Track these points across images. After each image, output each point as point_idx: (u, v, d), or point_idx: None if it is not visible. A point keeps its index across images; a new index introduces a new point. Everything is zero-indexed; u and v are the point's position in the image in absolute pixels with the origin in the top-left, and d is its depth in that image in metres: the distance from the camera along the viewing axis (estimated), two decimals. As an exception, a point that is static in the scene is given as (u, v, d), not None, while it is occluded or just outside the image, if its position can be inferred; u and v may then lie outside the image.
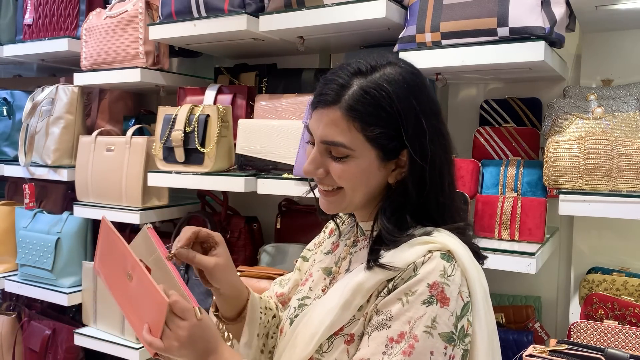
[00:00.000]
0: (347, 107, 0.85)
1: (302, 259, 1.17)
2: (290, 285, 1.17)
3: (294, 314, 1.01)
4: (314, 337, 0.88)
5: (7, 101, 2.51)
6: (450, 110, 1.89)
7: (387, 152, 0.88)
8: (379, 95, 0.85)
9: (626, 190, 1.33)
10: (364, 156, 0.87)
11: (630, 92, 1.50)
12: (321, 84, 0.90)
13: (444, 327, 0.79)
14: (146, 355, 2.07)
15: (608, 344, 1.33)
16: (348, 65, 0.89)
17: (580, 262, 1.66)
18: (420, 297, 0.80)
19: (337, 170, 0.88)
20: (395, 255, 0.85)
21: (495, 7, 1.37)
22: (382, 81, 0.86)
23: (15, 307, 2.59)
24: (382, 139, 0.86)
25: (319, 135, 0.89)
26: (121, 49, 2.09)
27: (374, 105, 0.85)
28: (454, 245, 0.85)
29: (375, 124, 0.85)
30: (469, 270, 0.85)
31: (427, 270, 0.82)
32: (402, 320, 0.80)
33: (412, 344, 0.78)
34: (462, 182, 1.57)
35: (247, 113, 1.95)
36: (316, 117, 0.89)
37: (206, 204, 2.24)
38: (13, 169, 2.46)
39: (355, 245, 0.99)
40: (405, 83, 0.87)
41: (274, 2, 1.70)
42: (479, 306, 0.85)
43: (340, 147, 0.86)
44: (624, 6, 1.40)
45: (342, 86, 0.86)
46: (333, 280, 0.99)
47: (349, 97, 0.85)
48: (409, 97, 0.86)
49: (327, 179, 0.91)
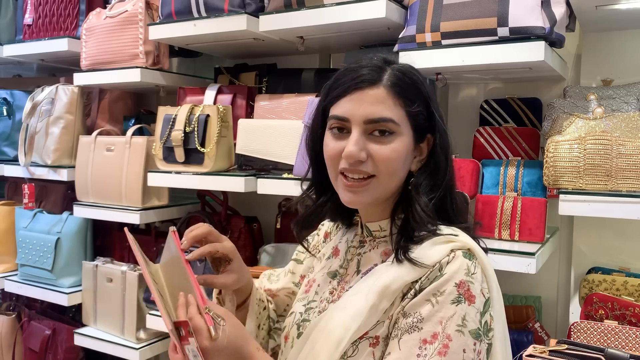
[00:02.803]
0: (391, 84, 0.89)
1: (295, 262, 1.16)
2: (279, 285, 1.15)
3: (300, 319, 1.00)
4: (340, 343, 0.86)
5: (7, 101, 2.51)
6: (450, 110, 1.89)
7: (420, 133, 0.92)
8: (415, 78, 0.91)
9: (626, 190, 1.33)
10: (406, 134, 0.90)
11: (631, 92, 1.49)
12: (348, 73, 0.91)
13: (472, 324, 0.81)
14: (146, 355, 2.07)
15: (608, 344, 1.32)
16: (371, 57, 0.93)
17: (580, 262, 1.66)
18: (449, 296, 0.81)
19: (382, 151, 0.88)
20: (422, 252, 0.86)
21: (495, 7, 1.37)
22: (409, 68, 0.93)
23: (15, 307, 2.59)
24: (420, 117, 0.91)
25: (361, 115, 0.88)
26: (121, 49, 2.09)
27: (412, 85, 0.90)
28: (472, 244, 0.87)
29: (416, 101, 0.90)
30: (487, 266, 0.88)
31: (453, 270, 0.83)
32: (433, 321, 0.81)
33: (447, 343, 0.79)
34: (462, 182, 1.57)
35: (247, 113, 1.95)
36: (355, 99, 0.89)
37: (206, 204, 2.24)
38: (13, 169, 2.46)
39: (363, 246, 0.99)
40: (420, 76, 0.94)
41: (274, 2, 1.70)
42: (495, 301, 0.87)
43: (390, 123, 0.88)
44: (624, 6, 1.40)
45: (379, 68, 0.90)
46: (342, 282, 0.98)
47: (390, 75, 0.89)
48: (429, 87, 0.93)
49: (364, 164, 0.89)
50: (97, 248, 2.41)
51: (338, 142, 0.90)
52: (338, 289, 0.97)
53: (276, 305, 1.16)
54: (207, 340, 0.80)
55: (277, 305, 1.16)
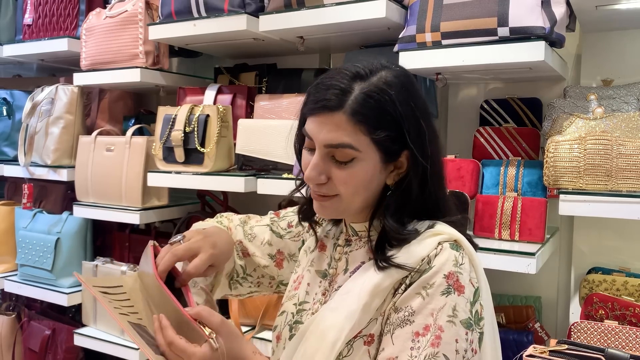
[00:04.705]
0: (352, 111, 0.84)
1: (273, 233, 1.16)
2: (253, 250, 1.15)
3: (292, 320, 1.00)
4: (335, 344, 0.86)
5: (7, 101, 2.51)
6: (450, 110, 1.89)
7: (390, 154, 0.88)
8: (382, 100, 0.85)
9: (626, 190, 1.33)
10: (369, 159, 0.87)
11: (631, 92, 1.49)
12: (319, 89, 0.88)
13: (463, 314, 0.82)
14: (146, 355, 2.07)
15: (608, 344, 1.32)
16: (345, 69, 0.88)
17: (580, 262, 1.66)
18: (439, 288, 0.82)
19: (341, 176, 0.87)
20: (408, 252, 0.86)
21: (496, 7, 1.37)
22: (382, 84, 0.86)
23: (15, 307, 2.59)
24: (387, 141, 0.86)
25: (322, 139, 0.87)
26: (121, 49, 2.09)
27: (378, 109, 0.85)
28: (459, 235, 0.88)
29: (380, 127, 0.85)
30: (474, 257, 0.88)
31: (441, 262, 0.84)
32: (424, 314, 0.81)
33: (439, 334, 0.80)
34: (462, 182, 1.57)
35: (247, 113, 1.95)
36: (317, 122, 0.87)
37: (206, 204, 2.24)
38: (13, 169, 2.46)
39: (349, 245, 0.99)
40: (403, 87, 0.87)
41: (274, 2, 1.70)
42: (483, 291, 0.88)
43: (348, 149, 0.85)
44: (624, 6, 1.39)
45: (343, 91, 0.85)
46: (333, 283, 0.98)
47: (353, 101, 0.85)
48: (409, 101, 0.87)
49: (327, 185, 0.89)
50: (97, 248, 2.41)
51: (308, 157, 0.91)
52: (330, 290, 0.98)
53: (245, 263, 1.17)
54: (199, 355, 0.83)
55: (246, 265, 1.17)
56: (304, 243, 1.13)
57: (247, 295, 1.21)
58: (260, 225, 1.19)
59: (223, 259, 1.07)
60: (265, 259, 1.15)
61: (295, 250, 1.15)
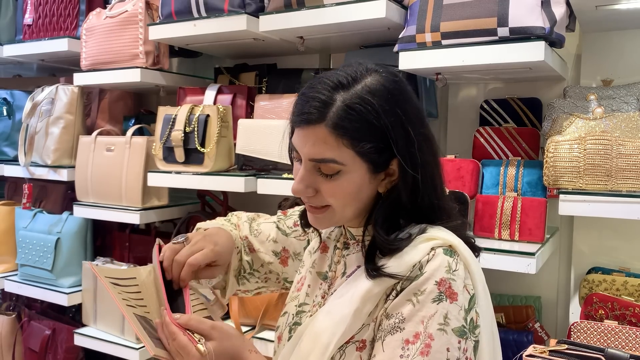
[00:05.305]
0: (333, 125, 0.82)
1: (279, 231, 1.16)
2: (258, 245, 1.15)
3: (292, 321, 1.00)
4: (327, 348, 0.86)
5: (7, 101, 2.51)
6: (450, 110, 1.89)
7: (378, 164, 0.86)
8: (365, 110, 0.82)
9: (626, 190, 1.33)
10: (355, 170, 0.85)
11: (630, 92, 1.50)
12: (301, 100, 0.87)
13: (455, 322, 0.79)
14: (146, 355, 2.07)
15: (608, 344, 1.33)
16: (327, 78, 0.85)
17: (580, 262, 1.66)
18: (429, 295, 0.80)
19: (328, 189, 0.86)
20: (400, 260, 0.84)
21: (495, 7, 1.37)
22: (365, 94, 0.83)
23: (15, 307, 2.60)
24: (372, 153, 0.84)
25: (305, 153, 0.86)
26: (121, 49, 2.09)
27: (360, 121, 0.82)
28: (455, 240, 0.86)
29: (364, 139, 0.83)
30: (471, 262, 0.85)
31: (432, 268, 0.81)
32: (415, 321, 0.80)
33: (429, 343, 0.78)
34: (462, 182, 1.57)
35: (247, 113, 1.95)
36: (301, 135, 0.86)
37: (206, 204, 2.24)
38: (13, 169, 2.46)
39: (347, 248, 0.99)
40: (389, 93, 0.84)
41: (274, 2, 1.70)
42: (481, 297, 0.85)
43: (331, 163, 0.84)
44: (624, 6, 1.40)
45: (324, 103, 0.83)
46: (332, 285, 0.98)
47: (334, 114, 0.82)
48: (394, 108, 0.84)
49: (316, 197, 0.88)
50: (97, 248, 2.41)
51: (297, 168, 0.91)
52: (329, 292, 0.98)
53: (252, 259, 1.17)
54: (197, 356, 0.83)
55: (252, 261, 1.17)
56: (309, 243, 1.13)
57: (255, 291, 1.21)
58: (267, 222, 1.20)
59: (225, 256, 1.07)
60: (269, 255, 1.15)
61: (300, 249, 1.15)
